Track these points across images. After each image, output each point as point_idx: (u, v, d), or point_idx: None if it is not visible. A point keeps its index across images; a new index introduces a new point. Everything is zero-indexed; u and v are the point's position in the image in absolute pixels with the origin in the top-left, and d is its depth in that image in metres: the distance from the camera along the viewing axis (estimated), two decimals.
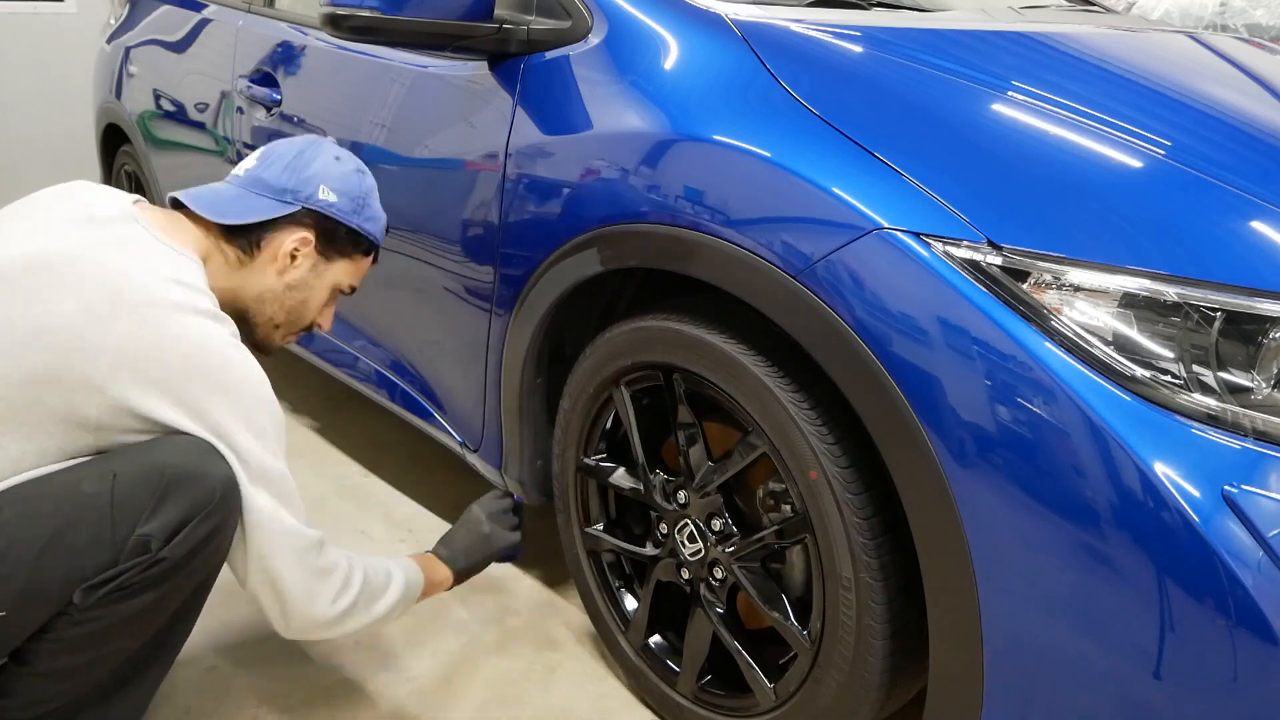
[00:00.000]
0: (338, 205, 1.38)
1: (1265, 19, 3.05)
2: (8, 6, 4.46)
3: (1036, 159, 1.09)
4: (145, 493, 1.10)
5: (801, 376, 1.19)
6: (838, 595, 1.17)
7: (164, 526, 1.11)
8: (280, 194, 1.35)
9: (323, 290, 1.43)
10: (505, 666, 1.65)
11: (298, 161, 1.37)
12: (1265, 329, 0.93)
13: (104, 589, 1.10)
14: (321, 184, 1.37)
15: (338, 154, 1.42)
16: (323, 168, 1.38)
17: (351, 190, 1.40)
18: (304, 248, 1.37)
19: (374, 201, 1.45)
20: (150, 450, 1.13)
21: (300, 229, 1.37)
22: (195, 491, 1.11)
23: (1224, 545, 0.87)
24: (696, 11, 1.38)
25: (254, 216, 1.33)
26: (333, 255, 1.41)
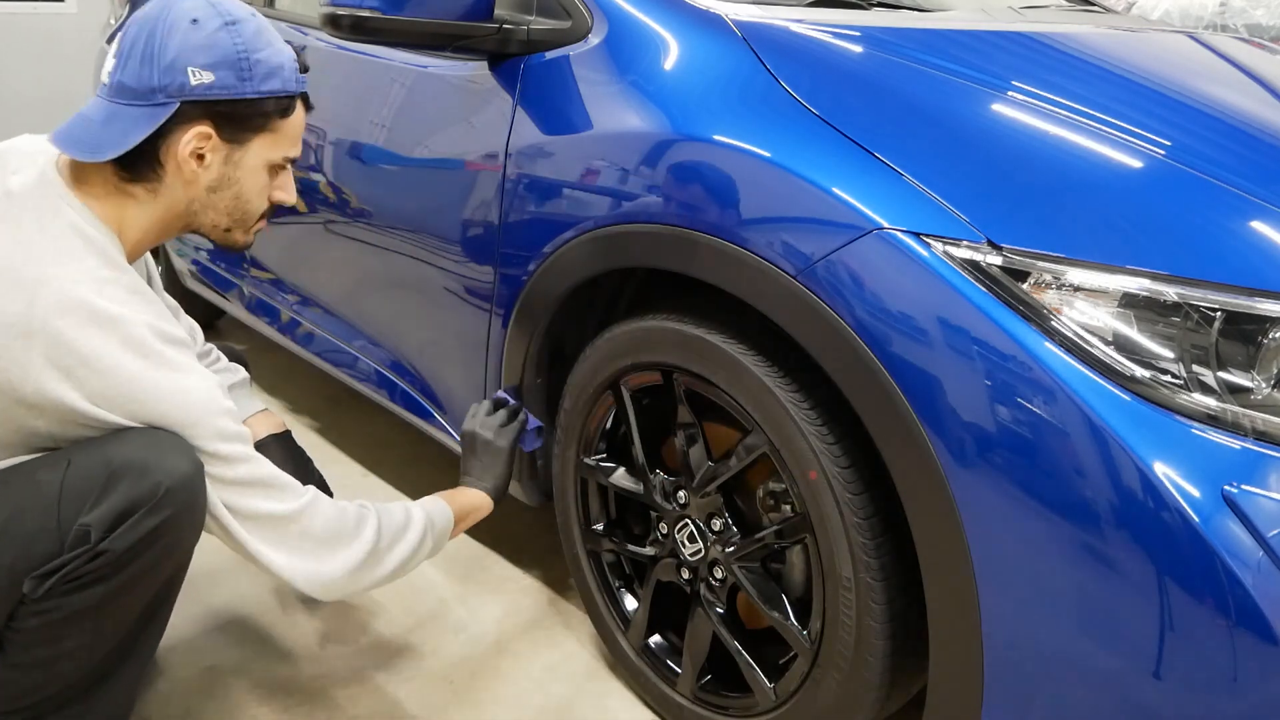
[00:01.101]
0: (218, 83, 1.14)
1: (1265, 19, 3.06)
2: (8, 6, 4.46)
3: (1036, 159, 1.09)
4: (91, 483, 1.08)
5: (801, 376, 1.19)
6: (838, 595, 1.17)
7: (104, 517, 1.07)
8: (149, 96, 1.13)
9: (252, 176, 1.24)
10: (505, 666, 1.65)
11: (150, 47, 1.13)
12: (1265, 329, 0.93)
13: (50, 579, 1.08)
14: (188, 66, 1.13)
15: (194, 14, 1.14)
16: (182, 43, 1.13)
17: (227, 55, 1.15)
18: (206, 144, 1.17)
19: (260, 54, 1.17)
20: (109, 441, 1.10)
21: (191, 125, 1.16)
22: (138, 484, 1.08)
23: (1224, 545, 0.87)
24: (696, 11, 1.38)
25: (132, 139, 1.13)
26: (245, 136, 1.20)
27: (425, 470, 2.30)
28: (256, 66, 1.17)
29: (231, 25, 1.16)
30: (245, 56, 1.16)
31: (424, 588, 1.85)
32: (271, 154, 1.24)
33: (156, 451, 1.09)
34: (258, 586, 1.82)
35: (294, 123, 1.25)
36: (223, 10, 1.16)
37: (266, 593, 1.81)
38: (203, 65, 1.13)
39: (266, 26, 1.20)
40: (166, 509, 1.09)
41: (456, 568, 1.92)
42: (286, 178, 1.29)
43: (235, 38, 1.15)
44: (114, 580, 1.11)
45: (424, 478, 2.27)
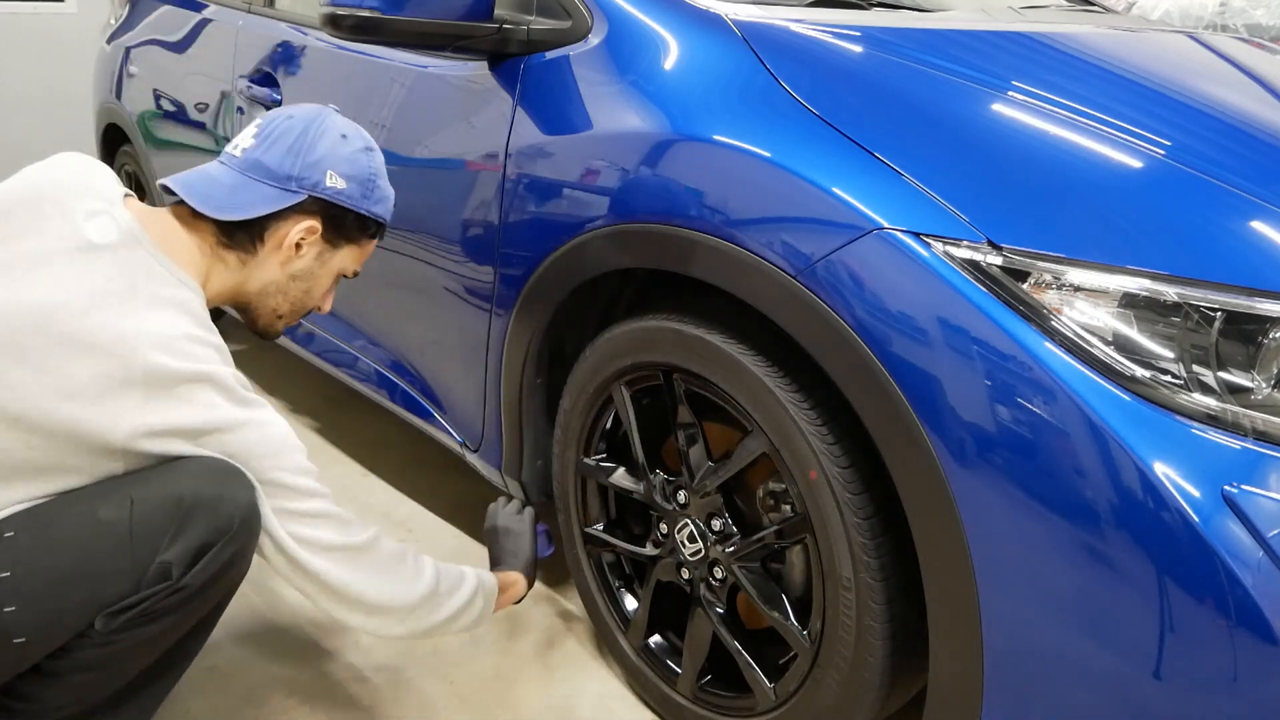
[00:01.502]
0: (346, 192, 1.30)
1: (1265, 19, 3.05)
2: (8, 6, 4.46)
3: (1036, 159, 1.09)
4: (164, 520, 1.10)
5: (801, 376, 1.19)
6: (838, 595, 1.17)
7: (184, 554, 1.10)
8: (284, 181, 1.26)
9: (327, 277, 1.38)
10: (505, 666, 1.65)
11: (301, 143, 1.28)
12: (1265, 329, 0.93)
13: (125, 615, 1.09)
14: (329, 169, 1.28)
15: (344, 130, 1.32)
16: (329, 150, 1.29)
17: (360, 173, 1.32)
18: (310, 237, 1.31)
19: (382, 181, 1.37)
20: (168, 475, 1.11)
21: (306, 218, 1.29)
22: (214, 519, 1.11)
23: (1224, 545, 0.87)
24: (696, 11, 1.38)
25: (257, 210, 1.25)
26: (339, 242, 1.35)
27: (425, 470, 2.30)
28: (376, 191, 1.35)
29: (370, 151, 1.35)
30: (374, 180, 1.34)
31: None
32: (349, 265, 1.40)
33: (222, 484, 1.12)
34: (258, 587, 1.82)
35: (372, 246, 1.42)
36: (365, 138, 1.36)
37: (266, 594, 1.81)
38: (341, 174, 1.30)
39: (384, 165, 1.39)
40: (240, 540, 1.14)
41: None
42: (333, 293, 1.44)
43: (371, 162, 1.35)
44: (184, 610, 1.14)
45: (424, 478, 2.27)
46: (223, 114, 2.35)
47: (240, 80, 2.23)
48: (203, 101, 2.44)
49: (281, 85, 2.11)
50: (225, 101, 2.32)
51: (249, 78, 2.20)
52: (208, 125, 2.42)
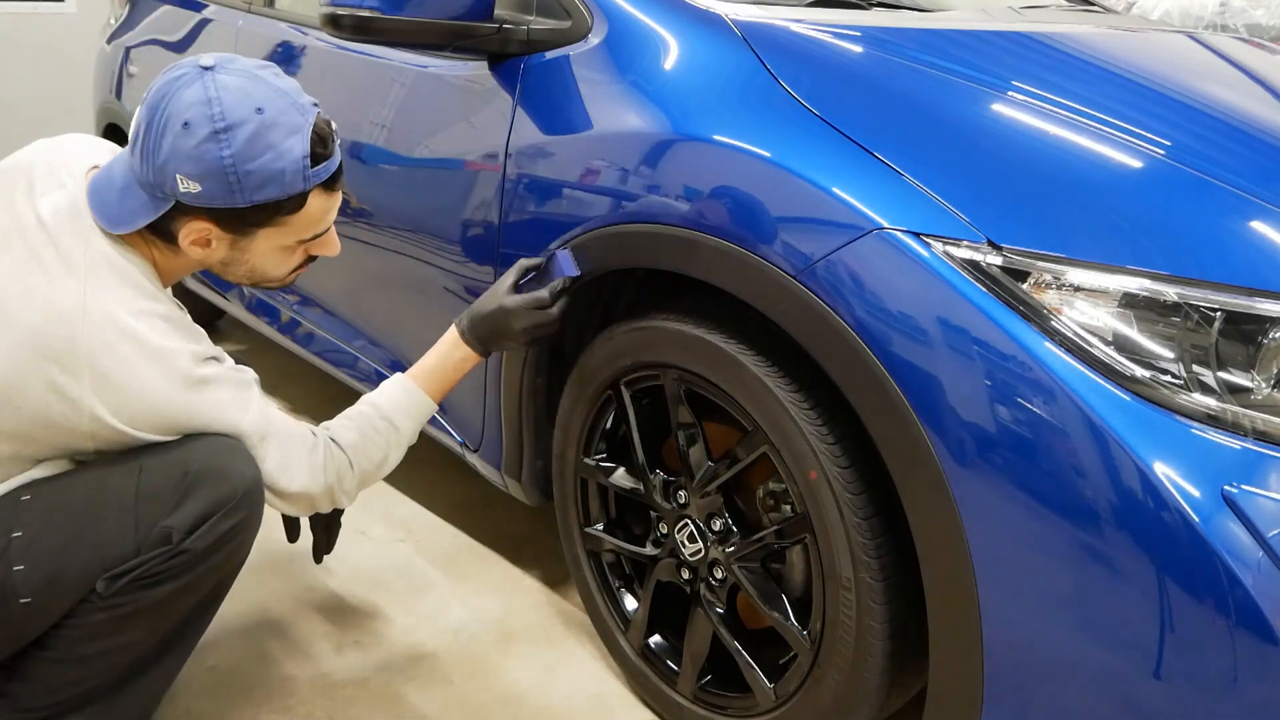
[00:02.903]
0: (205, 194, 1.09)
1: (1265, 19, 3.05)
2: (8, 6, 4.46)
3: (1036, 159, 1.09)
4: (169, 487, 1.13)
5: (801, 376, 1.19)
6: (838, 595, 1.17)
7: (186, 519, 1.13)
8: (149, 189, 1.11)
9: (264, 257, 1.22)
10: (505, 666, 1.65)
11: (148, 144, 1.09)
12: (1265, 329, 0.93)
13: (126, 577, 1.12)
14: (175, 173, 1.08)
15: (186, 115, 1.07)
16: (171, 148, 1.07)
17: (212, 170, 1.08)
18: (205, 235, 1.16)
19: (258, 157, 1.09)
20: (178, 447, 1.15)
21: (191, 219, 1.13)
22: (218, 488, 1.14)
23: (1224, 545, 0.87)
24: (696, 11, 1.38)
25: (138, 222, 1.13)
26: (246, 230, 1.16)
27: (425, 470, 2.30)
28: (248, 178, 1.09)
29: (223, 134, 1.07)
30: (233, 169, 1.08)
31: (424, 588, 1.85)
32: (282, 241, 1.20)
33: (229, 458, 1.16)
34: (258, 587, 1.82)
35: (307, 214, 1.18)
36: (216, 114, 1.07)
37: (267, 594, 1.81)
38: (190, 175, 1.08)
39: (271, 124, 1.09)
40: (242, 511, 1.16)
41: (456, 568, 1.92)
42: (323, 240, 1.26)
43: (223, 150, 1.07)
44: (185, 577, 1.16)
45: (424, 478, 2.27)
46: None
47: None
48: None
49: None
50: None
51: None
52: None
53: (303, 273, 1.32)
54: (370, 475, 1.36)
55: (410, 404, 1.40)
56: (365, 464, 1.34)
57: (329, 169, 1.17)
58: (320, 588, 1.83)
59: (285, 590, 1.82)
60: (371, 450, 1.35)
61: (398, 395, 1.40)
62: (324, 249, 1.28)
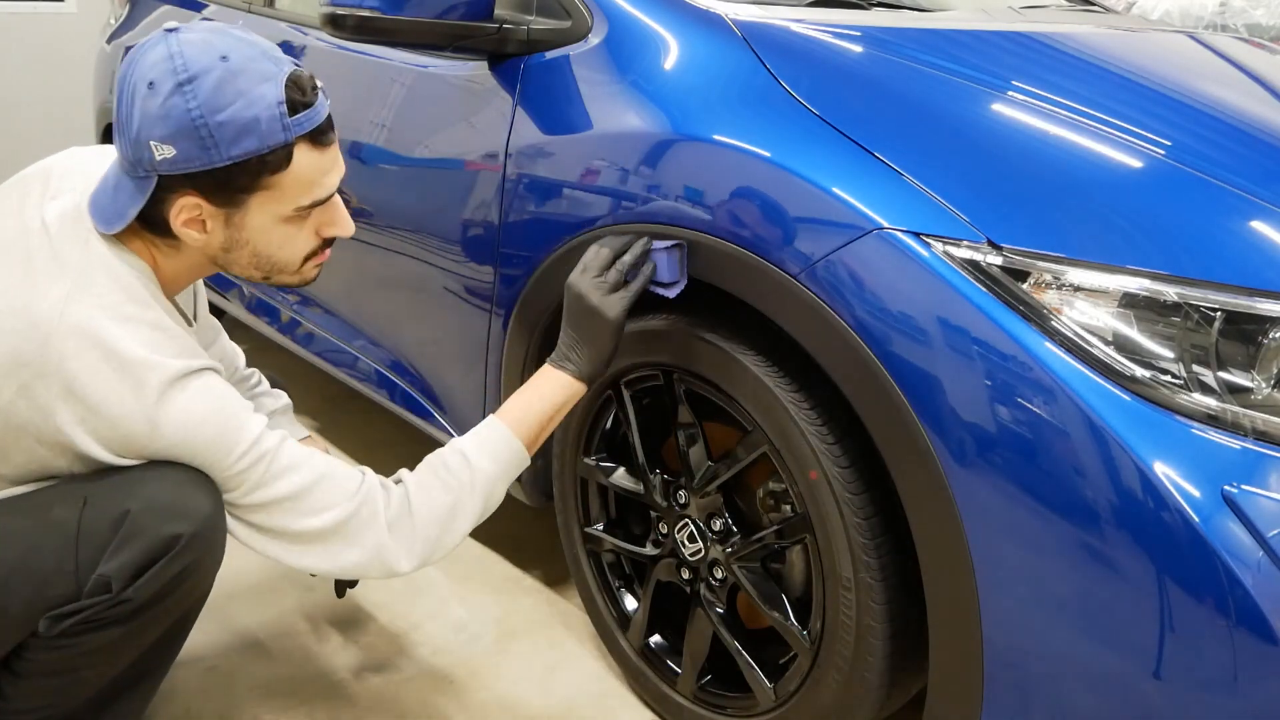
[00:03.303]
0: (181, 156, 1.02)
1: (1265, 19, 3.05)
2: (8, 6, 4.45)
3: (1036, 159, 1.09)
4: (108, 530, 1.04)
5: (801, 376, 1.19)
6: (838, 595, 1.17)
7: (124, 568, 1.04)
8: (132, 169, 1.05)
9: (264, 233, 1.12)
10: (505, 666, 1.65)
11: (121, 116, 1.04)
12: (1265, 329, 0.93)
13: (67, 621, 1.05)
14: (149, 140, 1.02)
15: (150, 76, 1.01)
16: (142, 113, 1.01)
17: (182, 124, 1.01)
18: (196, 213, 1.08)
19: (227, 107, 1.01)
20: (125, 478, 1.06)
21: (177, 195, 1.06)
22: (159, 531, 1.04)
23: (1224, 545, 0.87)
24: (696, 11, 1.38)
25: (130, 212, 1.06)
26: (236, 199, 1.08)
27: None
28: (220, 130, 1.01)
29: (186, 85, 1.00)
30: (202, 121, 1.01)
31: (424, 588, 1.85)
32: (279, 208, 1.10)
33: (176, 493, 1.05)
34: (258, 587, 1.82)
35: (298, 171, 1.08)
36: (179, 65, 1.00)
37: (267, 594, 1.81)
38: (161, 138, 1.01)
39: (237, 71, 1.02)
40: (188, 555, 1.07)
41: (456, 568, 1.92)
42: (330, 212, 1.16)
43: (189, 101, 1.00)
44: (132, 623, 1.09)
45: None
46: None
47: None
48: None
49: None
50: None
51: None
52: None
53: (323, 262, 1.21)
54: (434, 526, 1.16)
55: (487, 439, 1.22)
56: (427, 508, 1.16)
57: (312, 118, 1.07)
58: (320, 588, 1.83)
59: (285, 590, 1.82)
60: (434, 491, 1.17)
61: (480, 429, 1.24)
62: (335, 226, 1.17)
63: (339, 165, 1.15)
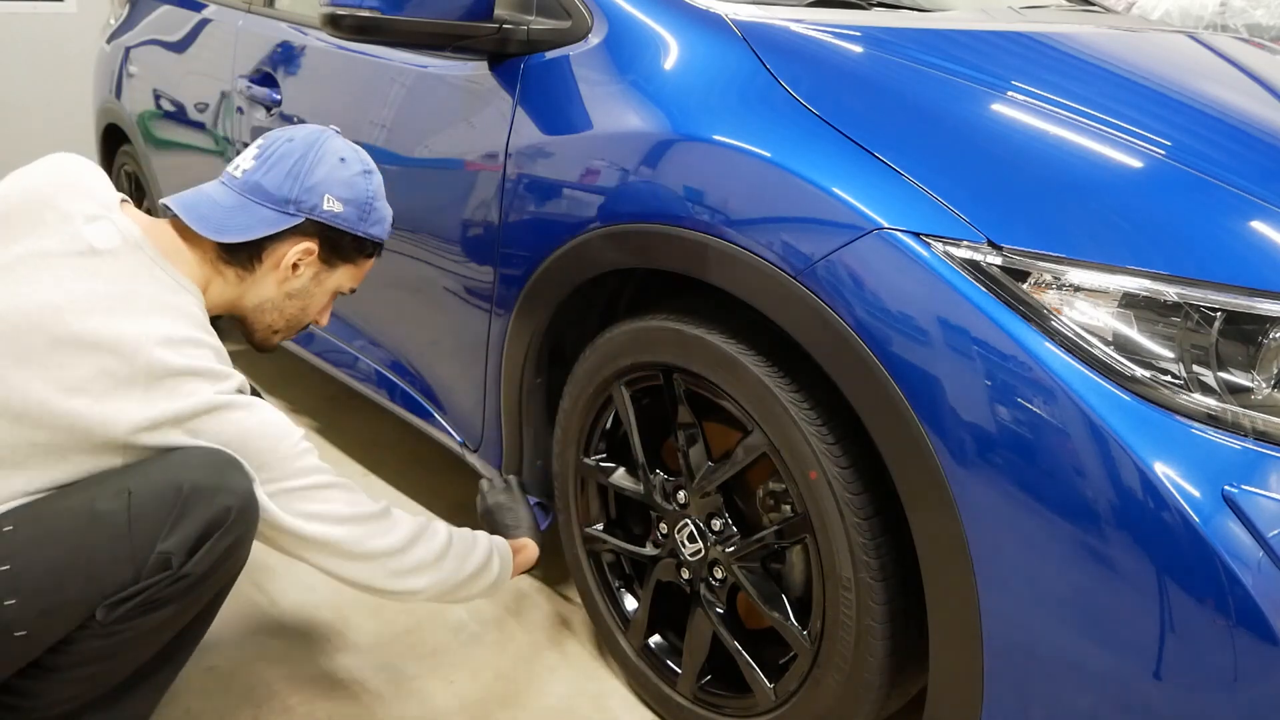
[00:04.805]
0: (343, 215, 1.33)
1: (1265, 19, 3.05)
2: (8, 6, 4.46)
3: (1036, 159, 1.09)
4: (162, 510, 1.10)
5: (801, 376, 1.19)
6: (838, 595, 1.17)
7: (184, 542, 1.11)
8: (283, 205, 1.30)
9: (323, 295, 1.42)
10: (505, 666, 1.65)
11: (301, 166, 1.30)
12: (1265, 329, 0.93)
13: (127, 605, 1.10)
14: (326, 193, 1.31)
15: (343, 154, 1.34)
16: (327, 174, 1.31)
17: (358, 197, 1.34)
18: (307, 258, 1.34)
19: (380, 203, 1.39)
20: (166, 466, 1.12)
21: (303, 239, 1.32)
22: (212, 507, 1.12)
23: (1224, 545, 0.87)
24: (696, 11, 1.38)
25: (254, 233, 1.28)
26: (336, 262, 1.38)
27: (425, 470, 2.30)
28: (373, 214, 1.37)
29: (368, 174, 1.37)
30: (370, 203, 1.36)
31: None
32: (347, 283, 1.43)
33: (219, 473, 1.13)
34: (257, 588, 1.82)
35: (369, 265, 1.45)
36: (364, 160, 1.37)
37: (266, 594, 1.81)
38: (339, 197, 1.32)
39: (383, 186, 1.40)
40: (239, 529, 1.15)
41: None
42: (330, 309, 1.47)
43: (369, 185, 1.36)
44: (186, 599, 1.15)
45: (424, 478, 2.27)
46: (222, 114, 2.35)
47: (240, 80, 2.23)
48: (202, 101, 2.44)
49: (281, 85, 2.11)
50: (225, 101, 2.32)
51: (249, 77, 2.20)
52: (207, 125, 2.42)
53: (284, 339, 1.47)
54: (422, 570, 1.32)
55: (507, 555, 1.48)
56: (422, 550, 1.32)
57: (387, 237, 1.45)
58: (320, 588, 1.83)
59: (285, 590, 1.82)
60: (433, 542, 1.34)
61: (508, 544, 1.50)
62: (325, 316, 1.47)
63: None
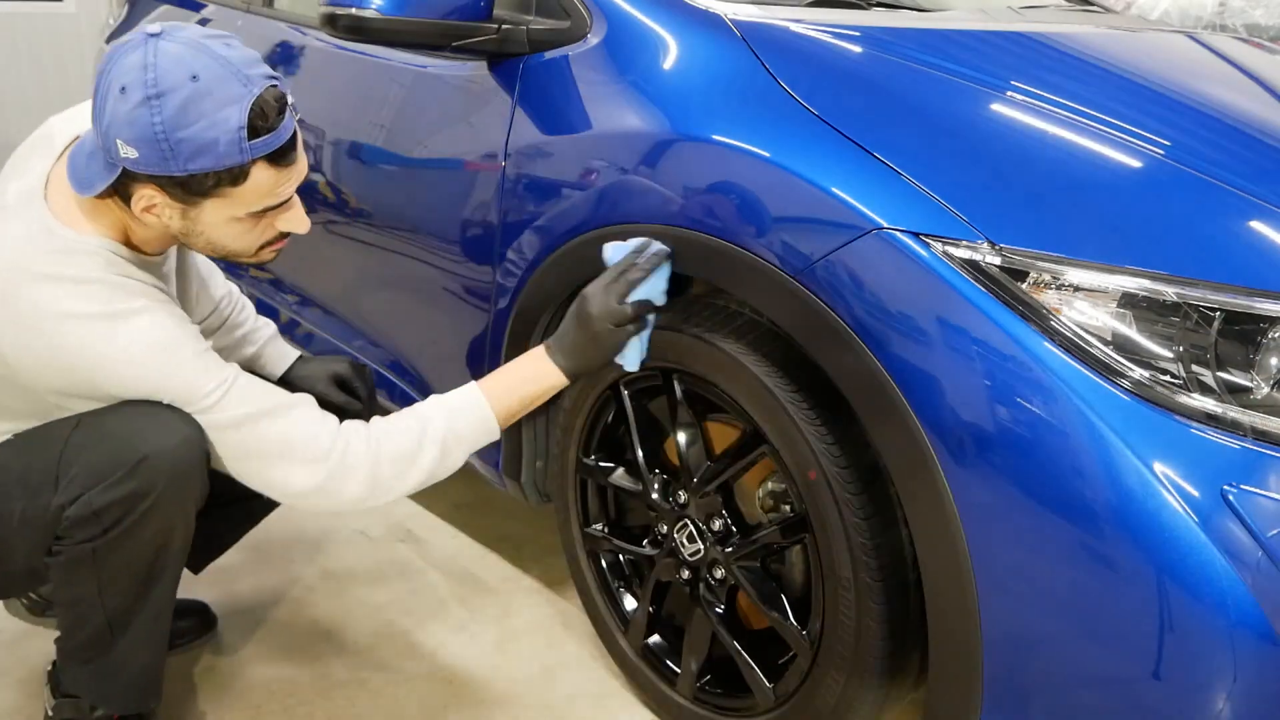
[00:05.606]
0: (142, 160, 1.08)
1: (1264, 19, 3.05)
2: (7, 6, 4.46)
3: (1036, 159, 1.09)
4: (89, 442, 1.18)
5: (801, 376, 1.19)
6: (837, 595, 1.17)
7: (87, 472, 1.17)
8: (104, 154, 1.12)
9: (219, 228, 1.18)
10: (505, 666, 1.65)
11: (96, 107, 1.11)
12: (1264, 329, 0.93)
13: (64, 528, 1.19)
14: (116, 137, 1.08)
15: (124, 80, 1.07)
16: (112, 115, 1.08)
17: (145, 135, 1.07)
18: (153, 203, 1.14)
19: (189, 126, 1.07)
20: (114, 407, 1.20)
21: (140, 185, 1.12)
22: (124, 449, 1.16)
23: (1223, 545, 0.87)
24: (696, 11, 1.38)
25: (97, 187, 1.13)
26: (193, 199, 1.14)
27: None
28: (180, 146, 1.07)
29: (154, 100, 1.06)
30: (165, 137, 1.07)
31: (424, 588, 1.85)
32: (233, 211, 1.16)
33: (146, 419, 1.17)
34: (257, 588, 1.82)
35: (252, 187, 1.14)
36: (150, 80, 1.06)
37: (266, 593, 1.81)
38: (127, 140, 1.08)
39: (204, 93, 1.07)
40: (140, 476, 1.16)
41: (456, 568, 1.92)
42: (286, 214, 1.22)
43: (154, 116, 1.06)
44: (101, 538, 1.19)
45: None
46: None
47: None
48: None
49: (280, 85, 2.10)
50: None
51: None
52: None
53: (280, 249, 1.27)
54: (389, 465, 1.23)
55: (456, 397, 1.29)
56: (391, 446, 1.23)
57: (271, 143, 1.12)
58: (319, 588, 1.83)
59: (285, 590, 1.82)
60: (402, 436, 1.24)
61: (462, 392, 1.30)
62: (289, 224, 1.24)
63: (298, 174, 1.20)
